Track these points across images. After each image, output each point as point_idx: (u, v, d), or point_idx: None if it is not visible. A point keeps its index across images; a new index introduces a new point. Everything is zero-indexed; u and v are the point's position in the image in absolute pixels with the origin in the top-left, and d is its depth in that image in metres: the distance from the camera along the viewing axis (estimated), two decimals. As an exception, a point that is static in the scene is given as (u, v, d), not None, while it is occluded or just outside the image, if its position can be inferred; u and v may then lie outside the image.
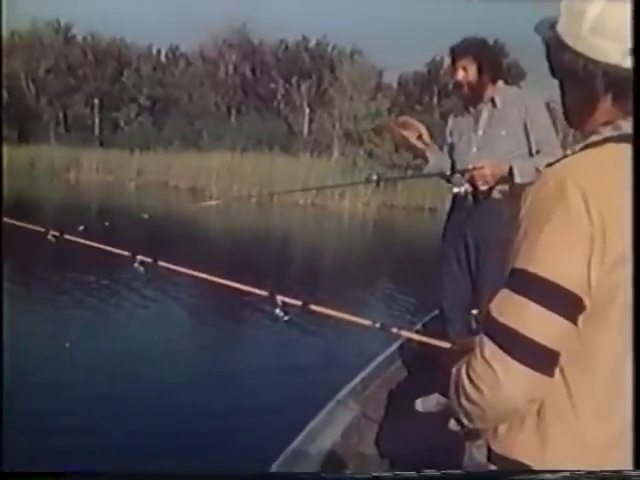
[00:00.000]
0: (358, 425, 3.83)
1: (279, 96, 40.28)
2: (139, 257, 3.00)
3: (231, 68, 41.54)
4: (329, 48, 41.97)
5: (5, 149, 23.91)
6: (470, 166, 3.64)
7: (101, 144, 36.92)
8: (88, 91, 40.50)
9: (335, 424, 3.72)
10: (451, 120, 3.99)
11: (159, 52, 45.02)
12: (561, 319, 1.19)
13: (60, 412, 5.01)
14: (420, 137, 3.85)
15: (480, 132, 3.74)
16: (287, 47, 42.69)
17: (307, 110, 37.90)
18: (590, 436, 1.28)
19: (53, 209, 19.21)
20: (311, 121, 36.92)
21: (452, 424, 1.33)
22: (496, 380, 1.19)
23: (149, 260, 3.01)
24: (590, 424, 1.28)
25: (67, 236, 3.36)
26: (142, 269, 3.00)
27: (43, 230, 3.43)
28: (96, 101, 40.60)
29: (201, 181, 26.80)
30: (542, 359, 1.19)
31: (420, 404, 4.04)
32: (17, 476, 1.57)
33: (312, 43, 42.52)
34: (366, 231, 21.71)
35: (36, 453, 4.03)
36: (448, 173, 3.79)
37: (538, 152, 3.60)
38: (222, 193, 25.10)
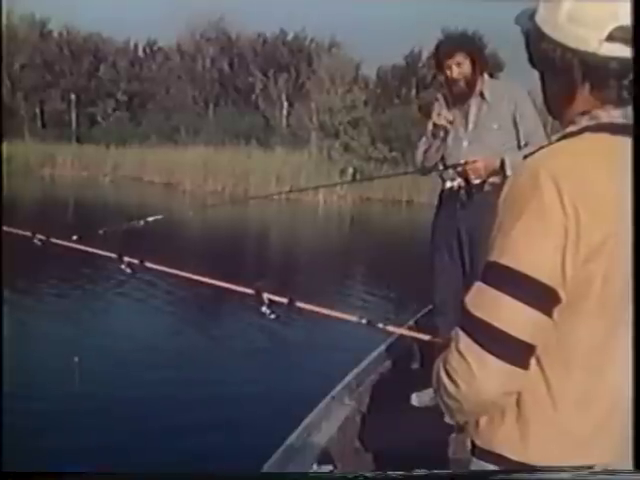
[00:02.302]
0: (354, 421, 3.84)
1: (257, 90, 40.06)
2: (126, 259, 3.01)
3: (209, 62, 41.32)
4: (307, 41, 41.84)
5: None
6: (462, 160, 3.64)
7: (78, 140, 36.66)
8: (64, 86, 40.11)
9: (331, 420, 3.73)
10: (435, 111, 3.96)
11: (136, 47, 44.69)
12: (535, 312, 1.19)
13: (60, 412, 5.03)
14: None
15: (470, 126, 3.74)
16: (265, 41, 42.49)
17: (285, 104, 37.76)
18: (570, 428, 1.28)
19: (27, 205, 19.03)
20: (289, 114, 36.79)
21: (448, 417, 1.36)
22: (471, 374, 1.20)
23: (136, 261, 3.02)
24: (569, 416, 1.28)
25: (54, 240, 3.36)
26: (129, 270, 3.01)
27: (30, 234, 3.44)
28: (72, 96, 40.21)
29: (176, 176, 26.65)
30: (517, 352, 1.19)
31: (415, 399, 4.05)
32: (17, 476, 1.57)
33: (290, 36, 42.39)
34: (343, 225, 21.64)
35: (36, 453, 4.05)
36: (441, 168, 3.80)
37: (526, 145, 3.60)
38: (196, 188, 25.00)
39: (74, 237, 3.38)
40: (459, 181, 3.70)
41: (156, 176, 27.74)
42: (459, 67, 3.65)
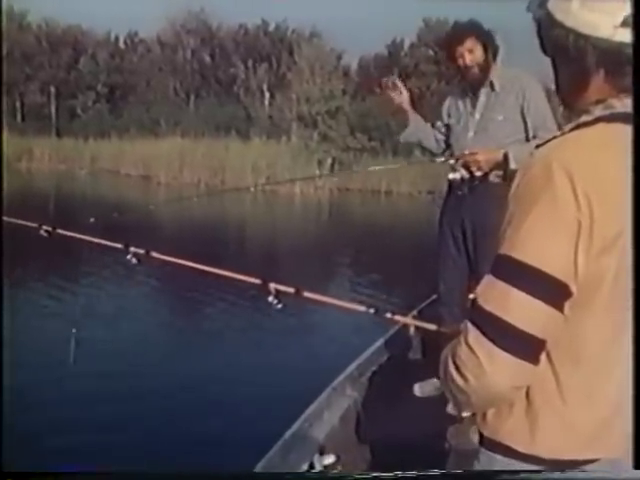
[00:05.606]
0: (356, 411, 3.82)
1: (239, 81, 39.83)
2: (132, 249, 3.00)
3: (189, 53, 41.09)
4: (289, 32, 41.62)
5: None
6: (466, 151, 3.60)
7: (57, 133, 36.49)
8: (44, 79, 39.80)
9: (333, 410, 3.70)
10: (448, 101, 3.93)
11: (117, 38, 44.37)
12: (546, 306, 1.17)
13: (60, 412, 4.97)
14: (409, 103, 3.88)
15: (477, 116, 3.69)
16: (246, 31, 42.24)
17: (267, 94, 37.58)
18: (577, 421, 1.28)
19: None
20: (270, 105, 36.61)
21: (450, 408, 1.37)
22: (480, 368, 1.19)
23: (142, 252, 3.03)
24: (577, 410, 1.28)
25: (61, 231, 3.36)
26: (135, 261, 3.01)
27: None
28: (52, 89, 39.92)
29: (153, 168, 26.49)
30: (526, 347, 1.19)
31: (418, 389, 4.02)
32: (17, 476, 1.58)
33: (272, 27, 42.16)
34: (321, 216, 21.52)
35: (36, 453, 4.05)
36: (442, 160, 3.78)
37: (534, 137, 3.51)
38: (171, 180, 24.86)
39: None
40: (462, 172, 3.66)
41: (133, 169, 27.59)
42: (471, 53, 3.56)
